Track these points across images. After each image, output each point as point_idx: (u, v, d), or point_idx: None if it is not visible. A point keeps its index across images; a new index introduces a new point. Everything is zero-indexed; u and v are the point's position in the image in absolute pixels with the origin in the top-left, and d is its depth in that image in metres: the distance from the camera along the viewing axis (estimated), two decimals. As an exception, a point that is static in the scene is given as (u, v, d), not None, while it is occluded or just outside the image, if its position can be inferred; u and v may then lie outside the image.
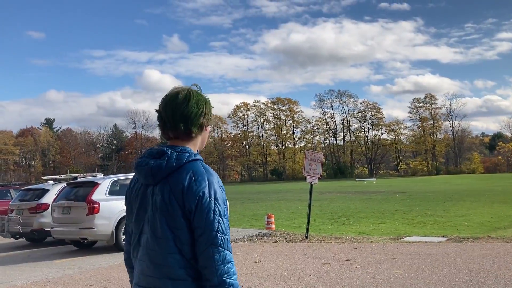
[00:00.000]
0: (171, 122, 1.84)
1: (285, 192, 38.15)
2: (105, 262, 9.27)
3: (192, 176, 1.78)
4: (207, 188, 1.77)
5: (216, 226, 1.75)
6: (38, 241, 13.05)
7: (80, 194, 10.95)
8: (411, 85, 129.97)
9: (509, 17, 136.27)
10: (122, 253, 7.93)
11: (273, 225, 13.35)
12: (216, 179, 1.83)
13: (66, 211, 10.89)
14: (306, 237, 11.00)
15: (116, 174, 12.42)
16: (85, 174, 16.30)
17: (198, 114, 1.86)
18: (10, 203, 13.92)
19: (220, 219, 1.77)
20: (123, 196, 8.86)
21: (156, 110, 1.91)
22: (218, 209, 1.78)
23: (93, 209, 10.35)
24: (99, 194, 10.62)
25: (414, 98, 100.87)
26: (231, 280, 1.78)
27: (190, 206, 1.75)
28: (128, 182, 10.83)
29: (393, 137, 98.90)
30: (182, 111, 1.83)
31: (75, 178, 13.76)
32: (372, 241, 10.08)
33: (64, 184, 12.28)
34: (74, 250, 11.38)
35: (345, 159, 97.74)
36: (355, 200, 25.92)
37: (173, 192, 1.77)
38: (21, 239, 13.51)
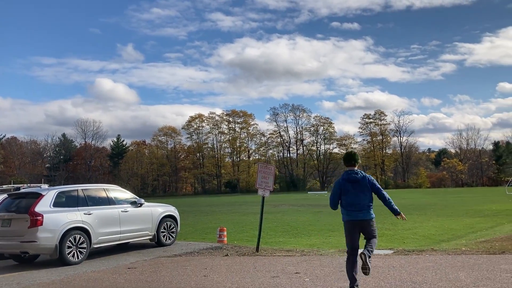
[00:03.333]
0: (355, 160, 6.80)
1: (239, 205, 38.07)
2: (46, 277, 8.86)
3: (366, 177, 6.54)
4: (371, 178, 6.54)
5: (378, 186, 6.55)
6: (-26, 255, 12.27)
7: (22, 205, 10.45)
8: (361, 102, 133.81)
9: (452, 40, 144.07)
10: (67, 267, 7.60)
11: (225, 238, 13.25)
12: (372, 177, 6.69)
13: (6, 223, 10.34)
14: (257, 250, 10.98)
15: (63, 185, 11.99)
16: (29, 185, 15.62)
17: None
18: None
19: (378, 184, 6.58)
20: (69, 208, 8.72)
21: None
22: (376, 183, 6.56)
23: (36, 221, 9.88)
24: (43, 206, 10.17)
25: (364, 114, 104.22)
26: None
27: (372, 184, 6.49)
28: (74, 193, 10.55)
29: (344, 151, 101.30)
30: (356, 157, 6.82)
31: (18, 189, 13.17)
32: (321, 254, 10.20)
33: (5, 195, 11.68)
34: (14, 264, 10.81)
35: (298, 172, 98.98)
36: (307, 213, 26.22)
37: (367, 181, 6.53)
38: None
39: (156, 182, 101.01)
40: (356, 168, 6.64)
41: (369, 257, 6.15)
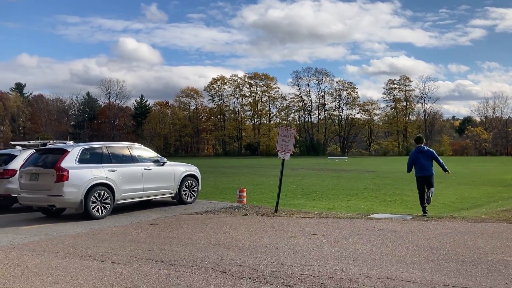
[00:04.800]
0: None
1: (259, 167, 38.38)
2: (72, 230, 9.20)
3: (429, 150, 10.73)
4: (432, 150, 10.81)
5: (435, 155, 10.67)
6: (4, 207, 12.80)
7: (49, 160, 10.75)
8: (386, 67, 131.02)
9: (482, 5, 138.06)
10: (91, 221, 7.91)
11: (245, 199, 13.46)
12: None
13: (34, 177, 10.69)
14: (276, 211, 11.15)
15: (88, 142, 12.29)
16: (55, 141, 15.97)
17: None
18: (-24, 167, 13.55)
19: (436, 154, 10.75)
20: (93, 165, 8.95)
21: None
22: (435, 153, 10.74)
23: (61, 176, 10.19)
24: (69, 162, 10.45)
25: (389, 80, 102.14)
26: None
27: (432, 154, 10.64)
28: (98, 150, 10.79)
29: (367, 117, 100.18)
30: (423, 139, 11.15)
31: (45, 144, 13.50)
32: (339, 217, 10.29)
33: (32, 151, 12.02)
34: (42, 217, 11.23)
35: (318, 136, 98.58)
36: (326, 177, 26.30)
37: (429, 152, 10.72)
38: (-14, 204, 13.23)
39: (178, 143, 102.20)
40: (422, 145, 10.86)
41: (431, 194, 10.46)
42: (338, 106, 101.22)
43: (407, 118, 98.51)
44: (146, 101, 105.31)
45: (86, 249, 7.40)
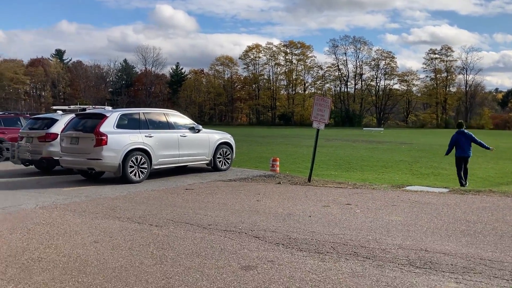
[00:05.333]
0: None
1: (292, 137, 38.31)
2: (111, 193, 9.51)
3: (469, 133, 12.43)
4: (471, 133, 12.41)
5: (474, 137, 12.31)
6: (47, 169, 13.34)
7: (88, 125, 11.05)
8: (427, 36, 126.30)
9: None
10: (129, 185, 8.12)
11: (278, 168, 13.51)
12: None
13: (74, 141, 11.04)
14: (309, 180, 11.15)
15: (125, 108, 12.53)
16: (94, 106, 16.36)
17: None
18: (20, 130, 14.12)
19: (474, 136, 12.34)
20: (131, 130, 9.15)
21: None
22: (474, 136, 12.33)
23: (100, 140, 10.48)
24: (107, 127, 10.71)
25: (430, 49, 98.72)
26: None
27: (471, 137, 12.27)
28: (136, 116, 11.04)
29: (405, 88, 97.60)
30: (463, 124, 13.08)
31: (84, 109, 13.84)
32: (373, 188, 10.20)
33: (73, 115, 12.37)
34: (82, 179, 11.65)
35: (354, 107, 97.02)
36: (361, 149, 26.01)
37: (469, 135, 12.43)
38: (30, 166, 13.82)
39: (212, 111, 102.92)
40: (463, 129, 12.44)
41: (466, 176, 12.30)
42: (375, 76, 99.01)
43: (447, 89, 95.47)
44: (182, 69, 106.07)
45: (124, 211, 7.65)
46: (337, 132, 51.91)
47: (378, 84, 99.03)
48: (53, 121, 13.07)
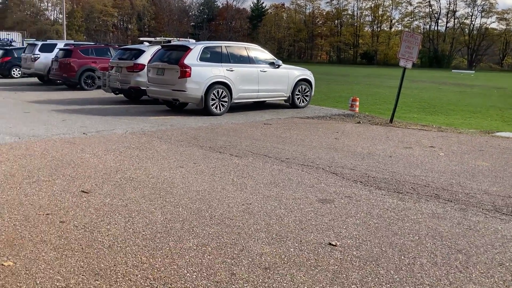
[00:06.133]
0: None
1: (374, 77, 36.93)
2: (194, 123, 9.90)
3: None
4: None
5: None
6: (134, 98, 14.10)
7: (173, 57, 11.37)
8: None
9: None
10: (210, 117, 8.48)
11: (357, 108, 13.19)
12: None
13: (160, 72, 11.46)
14: (391, 121, 10.82)
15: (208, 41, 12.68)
16: (178, 39, 16.72)
17: None
18: (110, 60, 14.88)
19: None
20: (213, 63, 9.39)
21: None
22: None
23: (185, 72, 10.78)
24: (191, 59, 10.95)
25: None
26: None
27: None
28: (218, 50, 11.26)
29: (504, 27, 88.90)
30: None
31: (169, 41, 14.19)
32: (460, 132, 9.70)
33: (158, 47, 12.75)
34: (167, 110, 12.19)
35: (443, 47, 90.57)
36: (448, 92, 24.56)
37: None
38: (120, 95, 14.67)
39: (291, 48, 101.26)
40: None
41: None
42: (471, 14, 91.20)
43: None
44: (263, 3, 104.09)
45: (206, 140, 7.97)
46: (423, 73, 49.14)
47: (473, 22, 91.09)
48: (140, 52, 13.59)
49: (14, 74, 23.75)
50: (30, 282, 3.00)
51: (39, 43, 20.64)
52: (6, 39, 37.83)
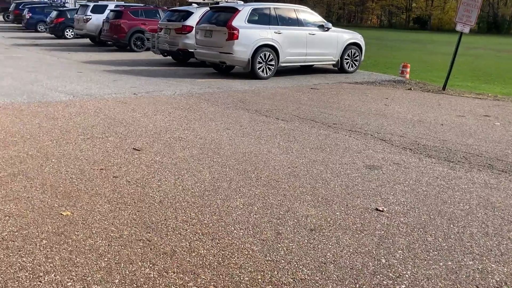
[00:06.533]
0: None
1: (427, 43, 35.40)
2: (240, 87, 9.91)
3: None
4: None
5: None
6: (182, 60, 14.22)
7: (221, 19, 11.30)
8: None
9: None
10: (256, 81, 8.47)
11: (407, 75, 12.75)
12: None
13: (208, 34, 11.45)
14: (444, 88, 10.41)
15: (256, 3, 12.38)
16: (226, 0, 16.56)
17: None
18: (159, 22, 14.99)
19: None
20: (261, 26, 9.28)
21: None
22: None
23: (232, 34, 10.72)
24: (239, 21, 10.85)
25: None
26: None
27: None
28: (266, 11, 11.05)
29: None
30: None
31: (217, 3, 14.08)
32: (518, 102, 9.23)
33: (207, 8, 12.69)
34: (214, 72, 12.25)
35: (504, 12, 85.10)
36: (506, 60, 23.24)
37: None
38: (168, 57, 14.83)
39: (341, 11, 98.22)
40: None
41: None
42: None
43: None
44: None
45: (253, 104, 7.98)
46: (481, 39, 46.58)
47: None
48: (189, 13, 13.59)
49: (67, 35, 24.42)
50: (87, 231, 3.17)
51: (91, 4, 21.02)
52: (59, 1, 38.80)
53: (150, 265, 2.77)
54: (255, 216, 3.48)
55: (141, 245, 3.00)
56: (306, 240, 3.13)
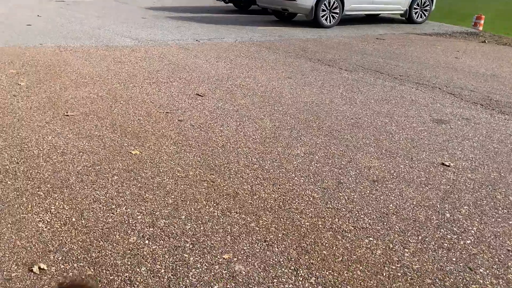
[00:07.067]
0: None
1: (505, -8, 32.60)
2: (302, 35, 9.68)
3: None
4: None
5: None
6: (243, 7, 14.01)
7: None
8: None
9: None
10: (319, 29, 8.24)
11: (481, 27, 11.89)
12: None
13: (271, -20, 11.14)
14: (522, 42, 9.66)
15: None
16: None
17: None
18: (222, -32, 14.72)
19: None
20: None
21: None
22: None
23: (296, -19, 10.36)
24: (303, -34, 10.45)
25: None
26: None
27: None
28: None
29: None
30: None
31: None
32: None
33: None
34: (275, 20, 12.00)
35: None
36: None
37: None
38: (229, 4, 14.65)
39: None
40: None
41: None
42: None
43: None
44: None
45: (315, 53, 7.79)
46: None
47: None
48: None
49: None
50: (155, 169, 3.31)
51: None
52: None
53: (214, 204, 2.87)
54: (316, 164, 3.48)
55: (205, 186, 3.10)
56: (368, 191, 3.10)
